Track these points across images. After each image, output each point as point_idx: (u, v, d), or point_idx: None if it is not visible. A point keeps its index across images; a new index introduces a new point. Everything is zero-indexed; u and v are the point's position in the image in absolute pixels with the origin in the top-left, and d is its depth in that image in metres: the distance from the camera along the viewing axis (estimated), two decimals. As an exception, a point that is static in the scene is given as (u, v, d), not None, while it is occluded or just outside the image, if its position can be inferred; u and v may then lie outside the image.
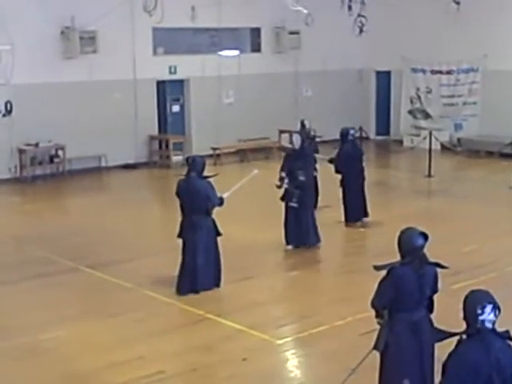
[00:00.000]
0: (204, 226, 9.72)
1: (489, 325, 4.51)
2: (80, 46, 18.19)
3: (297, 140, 11.89)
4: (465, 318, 4.61)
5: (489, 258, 11.17)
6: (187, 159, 10.03)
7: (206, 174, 10.01)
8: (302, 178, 11.85)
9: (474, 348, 4.44)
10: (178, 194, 9.74)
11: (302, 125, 14.72)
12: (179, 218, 10.01)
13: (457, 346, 4.60)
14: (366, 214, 13.19)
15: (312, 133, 14.70)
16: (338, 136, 13.81)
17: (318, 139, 15.03)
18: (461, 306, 4.71)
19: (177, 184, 9.85)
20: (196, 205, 9.58)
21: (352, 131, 13.46)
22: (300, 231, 11.75)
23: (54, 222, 14.23)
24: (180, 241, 9.92)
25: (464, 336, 4.57)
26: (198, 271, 9.63)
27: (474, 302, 4.57)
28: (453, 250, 11.40)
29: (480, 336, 4.46)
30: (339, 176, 13.19)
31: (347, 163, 13.00)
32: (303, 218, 11.75)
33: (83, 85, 18.54)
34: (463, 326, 4.66)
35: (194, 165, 9.74)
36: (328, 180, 14.08)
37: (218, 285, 9.89)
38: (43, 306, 9.55)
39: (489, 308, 4.52)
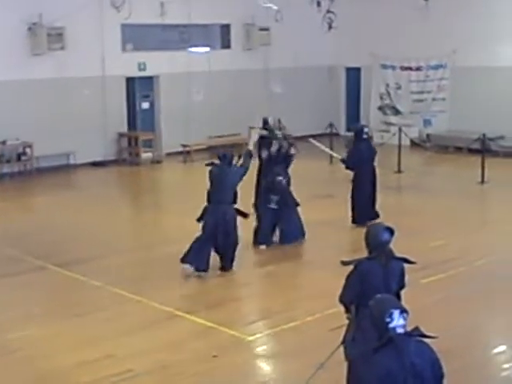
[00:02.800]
0: (227, 213, 10.36)
1: (400, 330, 4.45)
2: (48, 42, 17.97)
3: (255, 136, 11.83)
4: (375, 328, 4.55)
5: (457, 253, 11.26)
6: (218, 155, 10.68)
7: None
8: (279, 178, 12.11)
9: (386, 357, 4.38)
10: (210, 179, 10.52)
11: (265, 122, 14.38)
12: (148, 216, 9.96)
13: (372, 355, 4.52)
14: (377, 215, 12.72)
15: (278, 132, 14.36)
16: (306, 132, 13.81)
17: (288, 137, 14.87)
18: (430, 299, 4.71)
19: (210, 171, 10.61)
20: (223, 192, 10.35)
21: (366, 129, 13.08)
22: (280, 231, 11.86)
23: (21, 220, 14.09)
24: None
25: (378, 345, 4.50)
26: (209, 254, 10.30)
27: (381, 311, 4.50)
28: (422, 245, 11.48)
29: (392, 344, 4.40)
30: (350, 173, 12.99)
31: (361, 162, 12.65)
32: (284, 218, 11.83)
33: (51, 82, 18.35)
34: (431, 320, 4.67)
35: (225, 158, 10.52)
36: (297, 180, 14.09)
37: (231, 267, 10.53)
38: (10, 305, 9.44)
39: (396, 314, 4.46)
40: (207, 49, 21.15)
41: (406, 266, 6.15)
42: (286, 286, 10.14)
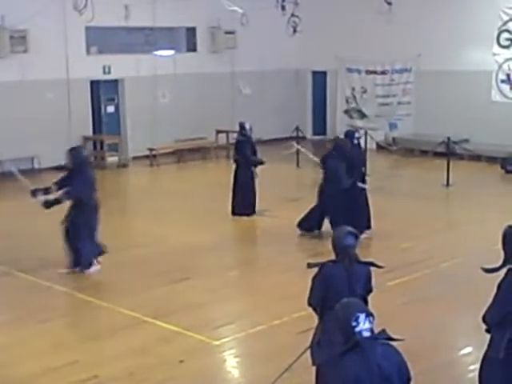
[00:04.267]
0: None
1: (366, 333, 4.42)
2: (10, 45, 17.79)
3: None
4: (341, 332, 4.49)
5: (424, 255, 11.33)
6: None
7: None
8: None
9: (353, 361, 4.35)
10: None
11: (242, 127, 14.35)
12: (114, 221, 9.85)
13: (339, 360, 4.48)
14: (369, 226, 12.25)
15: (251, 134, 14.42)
16: (273, 136, 13.82)
17: (254, 140, 14.87)
18: (396, 302, 4.70)
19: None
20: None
21: (357, 134, 12.78)
22: None
23: (-16, 225, 13.84)
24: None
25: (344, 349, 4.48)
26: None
27: (347, 314, 4.46)
28: (389, 247, 11.55)
29: (359, 348, 4.36)
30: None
31: (351, 168, 12.13)
32: None
33: (14, 85, 18.12)
34: (398, 323, 4.66)
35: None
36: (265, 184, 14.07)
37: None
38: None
39: (362, 317, 4.42)
40: (173, 52, 21.08)
41: (372, 269, 6.16)
42: (252, 290, 10.10)
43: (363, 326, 4.40)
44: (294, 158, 19.06)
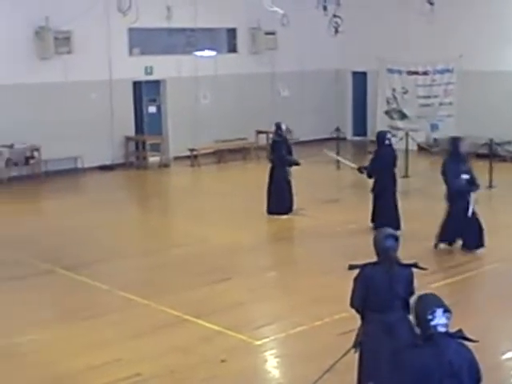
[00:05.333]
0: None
1: (442, 329, 4.46)
2: (55, 46, 18.03)
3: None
4: (418, 325, 4.57)
5: (466, 257, 11.22)
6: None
7: None
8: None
9: (425, 353, 4.40)
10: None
11: (278, 127, 14.31)
12: (155, 220, 9.95)
13: (408, 350, 4.55)
14: (398, 227, 11.94)
15: (286, 135, 14.42)
16: (313, 137, 13.83)
17: (292, 141, 14.91)
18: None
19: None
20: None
21: (388, 135, 12.82)
22: None
23: (29, 223, 14.09)
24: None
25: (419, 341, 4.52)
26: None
27: (424, 307, 4.51)
28: (430, 249, 11.45)
29: (432, 341, 4.42)
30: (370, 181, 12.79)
31: (383, 169, 12.41)
32: None
33: (58, 85, 18.39)
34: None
35: None
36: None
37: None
38: (18, 308, 9.44)
39: (439, 312, 4.47)
40: (214, 53, 21.19)
41: (415, 270, 6.13)
42: (292, 291, 10.11)
43: (439, 320, 4.45)
44: (333, 161, 19.01)
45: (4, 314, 9.28)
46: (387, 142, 12.63)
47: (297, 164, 14.09)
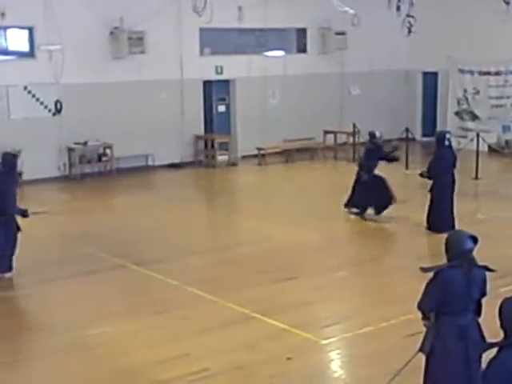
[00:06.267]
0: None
1: None
2: (128, 46, 18.42)
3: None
4: (503, 327, 4.53)
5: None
6: None
7: None
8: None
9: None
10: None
11: (372, 135, 13.96)
12: (223, 218, 10.08)
13: (498, 353, 4.54)
14: (453, 227, 11.90)
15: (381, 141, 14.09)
16: (383, 137, 13.78)
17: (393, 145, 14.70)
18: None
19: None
20: None
21: (448, 135, 12.73)
22: None
23: (101, 219, 14.46)
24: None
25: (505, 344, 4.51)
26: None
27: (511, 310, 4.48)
28: (500, 252, 11.27)
29: None
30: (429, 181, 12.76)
31: (442, 169, 12.38)
32: None
33: (131, 84, 18.79)
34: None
35: None
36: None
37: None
38: (90, 302, 9.72)
39: None
40: (283, 53, 21.28)
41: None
42: (360, 291, 10.12)
43: None
44: (402, 160, 18.87)
45: (77, 306, 9.57)
46: (447, 142, 12.51)
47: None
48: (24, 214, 10.76)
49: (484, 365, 4.72)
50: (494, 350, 4.69)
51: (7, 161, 10.68)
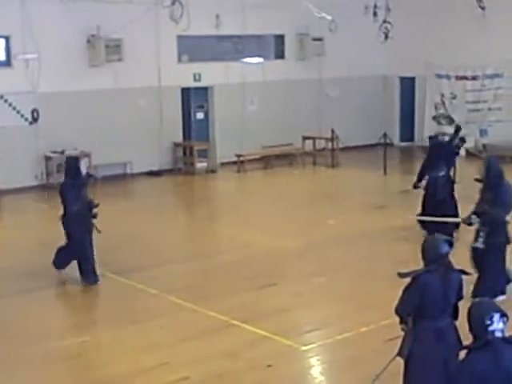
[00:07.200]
0: None
1: (499, 334, 4.47)
2: (106, 54, 18.36)
3: None
4: (471, 330, 4.57)
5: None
6: None
7: None
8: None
9: (482, 358, 4.41)
10: None
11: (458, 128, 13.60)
12: (203, 226, 10.06)
13: (466, 356, 4.57)
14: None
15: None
16: (360, 142, 13.84)
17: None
18: None
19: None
20: None
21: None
22: None
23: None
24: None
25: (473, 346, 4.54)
26: None
27: (481, 312, 4.51)
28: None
29: (490, 346, 4.42)
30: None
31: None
32: None
33: (109, 92, 18.72)
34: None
35: None
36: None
37: None
38: (70, 311, 9.68)
39: (497, 317, 4.47)
40: (261, 59, 21.31)
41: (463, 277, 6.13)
42: (340, 297, 10.12)
43: (497, 325, 4.45)
44: (381, 165, 18.97)
45: (56, 315, 9.51)
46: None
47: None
48: None
49: None
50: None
51: None
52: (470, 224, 9.99)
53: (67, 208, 10.56)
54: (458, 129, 13.41)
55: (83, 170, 10.87)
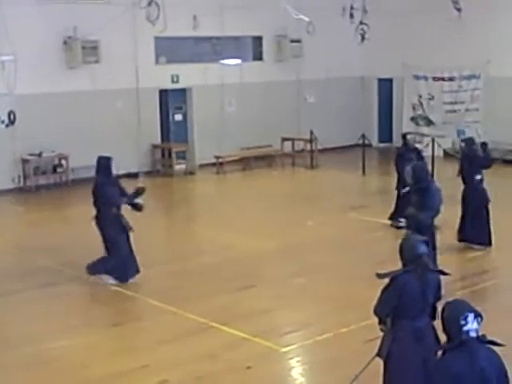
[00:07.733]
0: None
1: (473, 334, 4.48)
2: (82, 55, 18.23)
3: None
4: (445, 331, 4.57)
5: (492, 264, 11.18)
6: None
7: None
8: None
9: (457, 359, 4.42)
10: None
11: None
12: (182, 228, 10.02)
13: (442, 356, 4.58)
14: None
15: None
16: (338, 144, 13.86)
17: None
18: None
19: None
20: None
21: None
22: None
23: (58, 231, 14.26)
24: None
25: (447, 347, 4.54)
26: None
27: (455, 313, 4.52)
28: (458, 257, 11.42)
29: (465, 347, 4.43)
30: None
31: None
32: None
33: (86, 94, 18.59)
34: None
35: None
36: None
37: None
38: (48, 315, 9.57)
39: (471, 317, 4.49)
40: (239, 61, 21.29)
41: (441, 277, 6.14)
42: (319, 298, 10.11)
43: (471, 325, 4.46)
44: (359, 166, 19.02)
45: (33, 320, 9.41)
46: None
47: None
48: None
49: None
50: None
51: None
52: (398, 227, 10.37)
53: (108, 205, 10.47)
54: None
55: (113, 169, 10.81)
